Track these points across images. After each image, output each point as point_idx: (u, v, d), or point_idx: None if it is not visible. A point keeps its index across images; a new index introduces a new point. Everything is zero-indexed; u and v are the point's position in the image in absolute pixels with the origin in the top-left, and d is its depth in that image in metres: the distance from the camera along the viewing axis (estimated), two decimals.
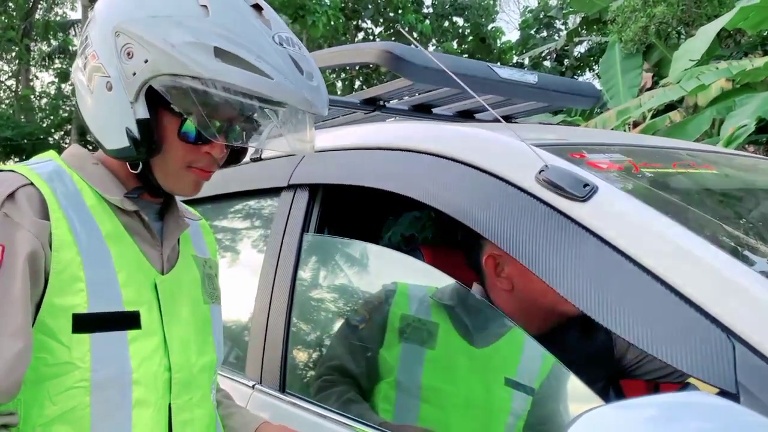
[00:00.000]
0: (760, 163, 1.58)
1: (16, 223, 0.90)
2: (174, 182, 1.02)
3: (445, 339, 1.28)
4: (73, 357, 0.92)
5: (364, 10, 16.36)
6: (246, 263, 1.83)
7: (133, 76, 0.94)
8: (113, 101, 0.96)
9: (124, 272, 0.97)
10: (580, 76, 16.88)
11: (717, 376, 0.80)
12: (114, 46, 0.95)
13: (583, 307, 0.92)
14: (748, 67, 6.23)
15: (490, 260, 1.40)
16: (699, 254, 0.89)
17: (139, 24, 0.93)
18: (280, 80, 0.92)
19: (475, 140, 1.30)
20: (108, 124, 0.98)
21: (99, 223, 0.97)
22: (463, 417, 1.24)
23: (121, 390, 0.96)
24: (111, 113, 0.97)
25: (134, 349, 0.97)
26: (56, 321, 0.91)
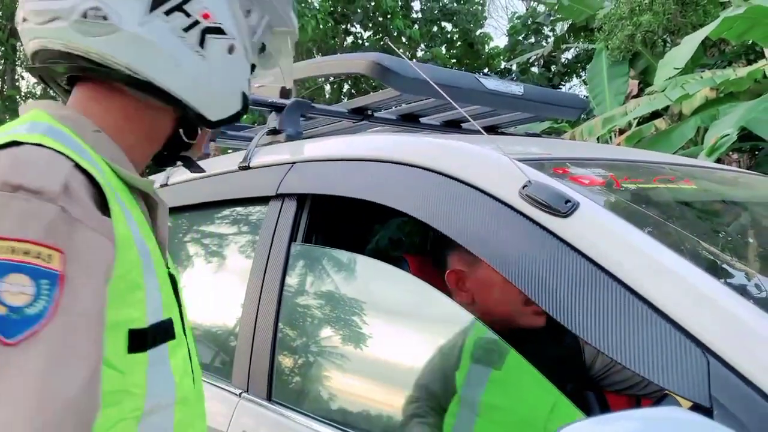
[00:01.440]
0: (739, 176, 1.62)
1: (81, 224, 0.67)
2: (203, 142, 0.94)
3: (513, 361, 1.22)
4: (128, 383, 0.73)
5: (354, 15, 16.38)
6: (234, 271, 1.84)
7: (254, 36, 0.88)
8: (235, 65, 0.87)
9: (157, 270, 0.80)
10: (568, 83, 17.00)
11: (691, 390, 0.82)
12: (231, 3, 0.86)
13: (563, 320, 0.95)
14: (731, 77, 6.31)
15: (452, 275, 1.48)
16: (675, 270, 0.92)
17: None
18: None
19: (461, 154, 1.32)
20: (225, 91, 0.87)
21: (130, 210, 0.78)
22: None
23: (165, 415, 0.79)
24: (232, 78, 0.87)
25: (174, 363, 0.81)
26: (109, 340, 0.70)
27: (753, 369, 0.81)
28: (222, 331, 1.80)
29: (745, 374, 0.81)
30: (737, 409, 0.80)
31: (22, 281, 0.62)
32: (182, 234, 2.17)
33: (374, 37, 16.79)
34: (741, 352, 0.83)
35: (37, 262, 0.63)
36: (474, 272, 1.46)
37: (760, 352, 0.82)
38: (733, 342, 0.83)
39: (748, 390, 0.80)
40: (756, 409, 0.79)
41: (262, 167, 1.77)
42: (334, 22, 15.79)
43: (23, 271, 0.62)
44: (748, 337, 0.83)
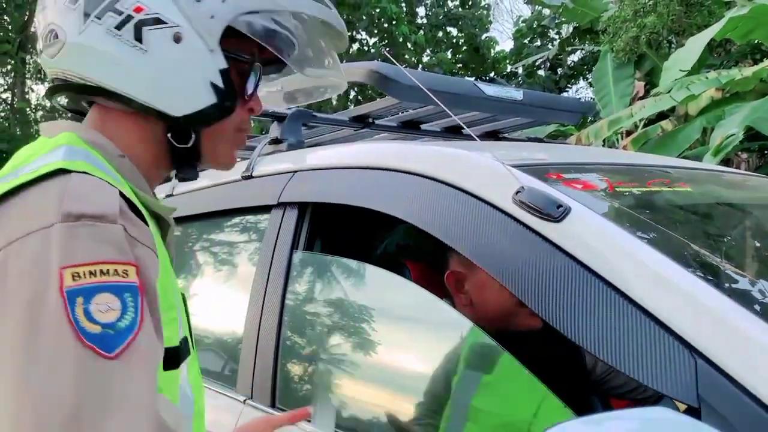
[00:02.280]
0: (734, 178, 1.63)
1: (136, 240, 0.71)
2: (224, 149, 0.90)
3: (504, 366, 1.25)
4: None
5: (359, 22, 16.43)
6: (237, 280, 1.86)
7: (211, 19, 0.81)
8: (187, 53, 0.81)
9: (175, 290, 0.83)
10: (574, 85, 16.99)
11: (680, 391, 0.84)
12: None
13: (554, 322, 0.96)
14: (737, 77, 6.29)
15: (451, 277, 1.50)
16: (665, 273, 0.94)
17: None
18: (334, 10, 0.91)
19: (457, 161, 1.35)
20: (182, 83, 0.82)
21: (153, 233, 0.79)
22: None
23: (187, 429, 0.81)
24: (186, 68, 0.82)
25: (191, 377, 0.83)
26: None
27: (740, 369, 0.82)
28: (226, 339, 1.82)
29: (733, 375, 0.82)
30: (725, 409, 0.81)
31: (108, 300, 0.65)
32: (187, 243, 2.19)
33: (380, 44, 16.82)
34: (728, 352, 0.84)
35: (117, 279, 0.66)
36: (472, 274, 1.48)
37: (747, 353, 0.84)
38: (720, 343, 0.85)
39: (735, 390, 0.81)
40: (743, 409, 0.80)
41: (265, 176, 1.79)
42: None
43: (107, 290, 0.65)
44: (736, 338, 0.85)
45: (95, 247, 0.67)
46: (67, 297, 0.63)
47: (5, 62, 21.04)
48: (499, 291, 1.41)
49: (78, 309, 0.63)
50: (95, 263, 0.66)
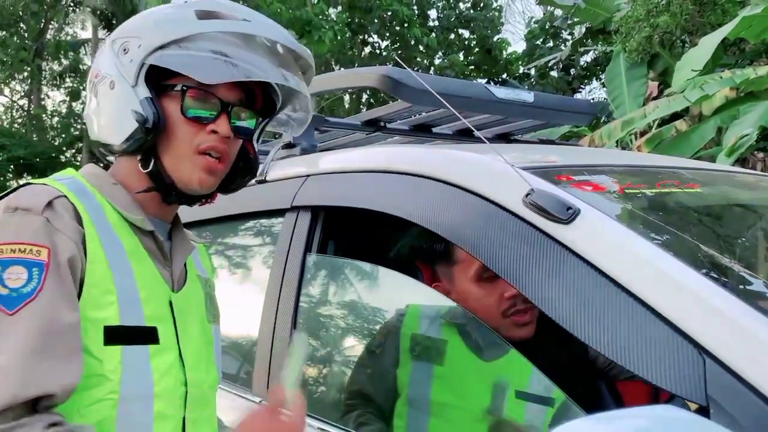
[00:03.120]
0: (745, 179, 1.63)
1: (58, 230, 0.91)
2: (186, 171, 1.01)
3: (454, 355, 1.31)
4: (105, 369, 0.93)
5: (371, 25, 16.47)
6: (251, 283, 1.89)
7: (130, 63, 1.00)
8: (117, 94, 1.01)
9: (145, 289, 1.00)
10: (587, 86, 16.92)
11: (688, 389, 0.85)
12: (113, 53, 1.03)
13: (564, 323, 0.98)
14: (751, 76, 6.25)
15: (439, 288, 1.50)
16: (673, 273, 0.94)
17: (131, 26, 1.05)
18: (256, 22, 1.04)
19: (468, 164, 1.36)
20: (115, 117, 1.01)
21: (122, 240, 1.00)
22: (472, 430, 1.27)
23: (144, 403, 0.97)
24: (117, 106, 1.01)
25: (155, 363, 0.98)
26: (87, 333, 0.92)
27: (749, 369, 0.83)
28: (241, 341, 1.84)
29: (741, 374, 0.83)
30: (733, 408, 0.82)
31: (19, 271, 0.88)
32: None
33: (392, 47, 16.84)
34: (737, 352, 0.85)
35: (30, 256, 0.89)
36: (452, 285, 1.49)
37: (756, 352, 0.84)
38: (729, 342, 0.86)
39: (744, 389, 0.82)
40: (752, 408, 0.81)
41: (278, 180, 1.81)
42: (351, 32, 15.88)
43: (20, 264, 0.88)
44: (744, 338, 0.86)
45: (19, 232, 0.90)
46: None
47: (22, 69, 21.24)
48: (479, 302, 1.39)
49: None
50: (16, 243, 0.89)
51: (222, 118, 1.01)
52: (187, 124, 1.01)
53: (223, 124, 1.01)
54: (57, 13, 19.89)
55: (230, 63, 0.99)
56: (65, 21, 21.78)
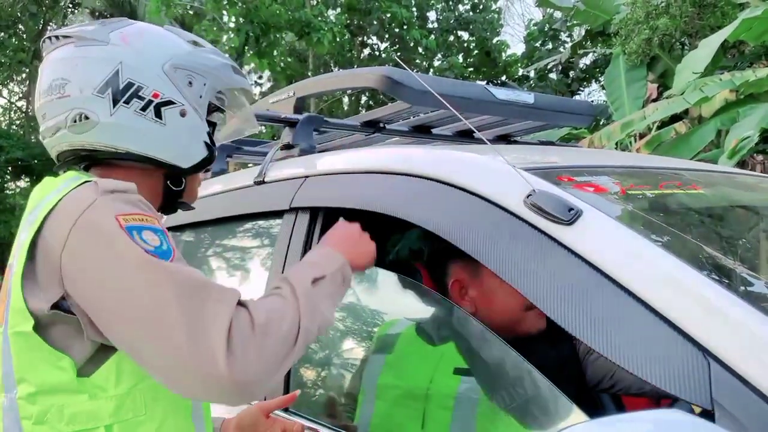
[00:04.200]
0: (747, 180, 1.61)
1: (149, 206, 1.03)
2: (196, 189, 1.24)
3: (404, 343, 1.40)
4: None
5: (370, 27, 16.48)
6: (250, 284, 1.87)
7: (200, 98, 1.15)
8: (190, 124, 1.14)
9: None
10: (586, 88, 16.92)
11: (693, 393, 0.83)
12: (174, 80, 1.12)
13: (566, 326, 0.96)
14: (751, 78, 6.25)
15: (456, 285, 1.52)
16: (677, 275, 0.93)
17: (184, 58, 1.15)
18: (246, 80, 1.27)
19: (469, 165, 1.35)
20: (187, 144, 1.15)
21: None
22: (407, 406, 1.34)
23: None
24: (189, 134, 1.14)
25: None
26: None
27: (754, 372, 0.82)
28: None
29: (747, 377, 0.82)
30: (739, 411, 0.80)
31: (150, 235, 0.96)
32: (200, 248, 2.21)
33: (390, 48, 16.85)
34: (742, 355, 0.84)
35: (152, 223, 0.98)
36: (475, 281, 1.49)
37: (761, 355, 0.83)
38: (734, 345, 0.84)
39: (749, 393, 0.81)
40: (757, 412, 0.79)
41: (277, 181, 1.80)
42: (350, 34, 15.89)
43: (149, 229, 0.97)
44: (750, 341, 0.84)
45: (130, 206, 0.98)
46: (127, 230, 0.94)
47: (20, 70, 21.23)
48: (503, 296, 1.42)
49: (136, 236, 0.94)
50: (134, 214, 0.97)
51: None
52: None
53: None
54: (55, 15, 19.88)
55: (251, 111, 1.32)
56: (64, 22, 21.76)
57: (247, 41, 13.04)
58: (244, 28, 12.80)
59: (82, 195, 0.99)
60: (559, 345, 1.55)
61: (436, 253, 1.61)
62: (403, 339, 1.39)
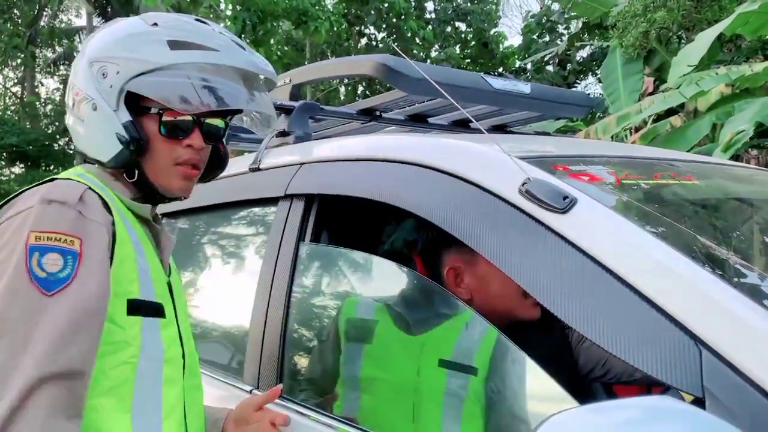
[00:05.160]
0: (741, 172, 1.62)
1: (90, 219, 1.03)
2: (166, 180, 1.16)
3: (382, 333, 1.40)
4: (128, 336, 1.06)
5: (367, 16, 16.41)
6: (244, 271, 1.87)
7: (110, 88, 1.11)
8: (101, 117, 1.12)
9: (152, 270, 1.14)
10: (583, 81, 16.92)
11: (684, 381, 0.84)
12: (91, 74, 1.13)
13: (559, 313, 0.97)
14: (747, 73, 6.24)
15: (451, 272, 1.52)
16: (670, 264, 0.94)
17: (107, 49, 1.14)
18: (225, 51, 1.14)
19: (464, 153, 1.35)
20: (101, 138, 1.13)
21: (134, 228, 1.14)
22: (393, 398, 1.34)
23: (157, 368, 1.11)
24: (101, 127, 1.13)
25: (164, 334, 1.13)
26: (114, 305, 1.04)
27: (745, 360, 0.82)
28: (233, 330, 1.83)
29: (737, 365, 0.82)
30: (729, 400, 0.81)
31: (55, 258, 0.98)
32: (195, 234, 2.21)
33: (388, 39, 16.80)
34: (734, 343, 0.84)
35: (65, 245, 0.99)
36: (471, 268, 1.49)
37: (752, 344, 0.84)
38: (725, 334, 0.85)
39: (740, 381, 0.81)
40: (747, 400, 0.80)
41: (272, 168, 1.80)
42: (347, 24, 15.82)
43: (56, 251, 0.99)
44: (741, 329, 0.85)
45: (55, 222, 1.00)
46: (28, 250, 0.98)
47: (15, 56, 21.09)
48: (501, 284, 1.42)
49: (33, 259, 0.97)
50: (53, 232, 0.99)
51: (195, 132, 1.15)
52: (165, 141, 1.14)
53: (197, 138, 1.15)
54: (51, 0, 19.73)
55: (204, 90, 1.12)
56: (59, 8, 21.61)
57: (244, 29, 12.98)
58: (240, 16, 12.74)
59: (26, 198, 1.04)
60: (551, 333, 1.56)
61: (430, 241, 1.61)
62: (381, 327, 1.39)
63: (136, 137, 1.11)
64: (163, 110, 1.12)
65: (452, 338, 1.30)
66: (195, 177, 1.19)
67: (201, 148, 1.16)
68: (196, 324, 2.04)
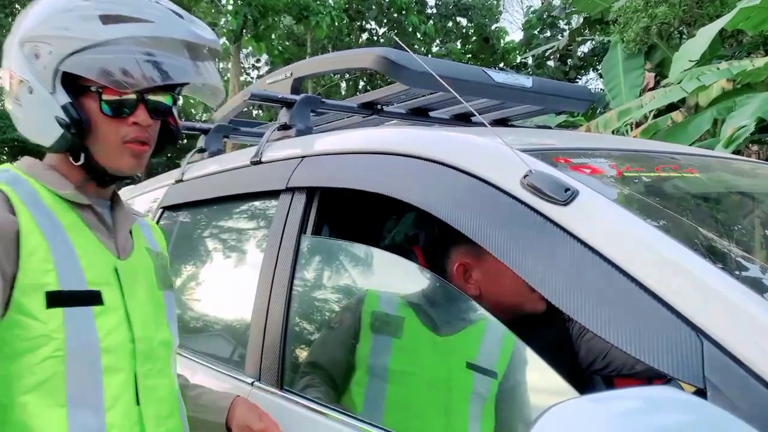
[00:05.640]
0: (742, 165, 1.62)
1: None
2: (114, 160, 1.12)
3: (411, 330, 1.39)
4: (49, 329, 1.02)
5: (368, 11, 16.38)
6: (245, 264, 1.88)
7: (44, 69, 1.06)
8: (38, 100, 1.08)
9: (86, 257, 1.10)
10: (584, 76, 16.89)
11: (686, 372, 0.84)
12: (23, 56, 1.08)
13: (561, 305, 0.97)
14: (748, 68, 6.24)
15: (459, 268, 1.53)
16: (671, 256, 0.93)
17: (37, 28, 1.08)
18: (161, 22, 1.08)
19: (465, 145, 1.35)
20: (40, 123, 1.09)
21: (58, 217, 1.10)
22: (427, 395, 1.33)
23: (91, 358, 1.07)
24: (39, 111, 1.08)
25: (100, 322, 1.08)
26: (29, 299, 1.02)
27: (747, 351, 0.82)
28: (234, 322, 1.84)
29: (739, 356, 0.82)
30: (731, 391, 0.81)
31: None
32: (196, 228, 2.21)
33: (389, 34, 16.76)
34: (735, 335, 0.84)
35: None
36: (479, 264, 1.49)
37: (754, 335, 0.84)
38: (727, 325, 0.85)
39: (742, 372, 0.81)
40: (749, 390, 0.80)
41: (273, 162, 1.80)
42: (349, 19, 15.79)
43: None
44: (743, 320, 0.85)
45: None
46: None
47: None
48: (510, 278, 1.42)
49: None
50: None
51: (140, 108, 1.11)
52: (109, 120, 1.10)
53: (142, 114, 1.11)
54: None
55: (145, 65, 1.06)
56: None
57: (245, 24, 12.96)
58: (242, 10, 12.72)
59: None
60: (552, 325, 1.56)
61: (435, 238, 1.61)
62: (409, 324, 1.39)
63: (76, 119, 1.07)
64: (102, 89, 1.07)
65: (477, 342, 1.30)
66: (145, 154, 1.15)
67: (149, 125, 1.12)
68: (198, 317, 2.04)
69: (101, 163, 1.12)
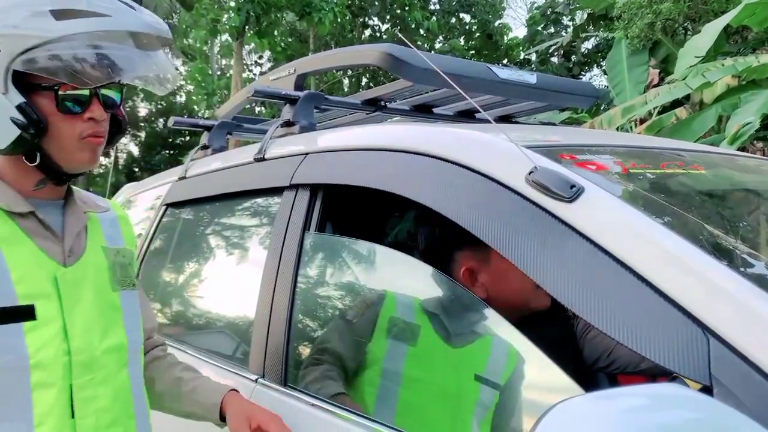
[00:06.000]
0: (748, 162, 1.61)
1: None
2: (72, 157, 1.10)
3: (426, 339, 1.38)
4: None
5: (371, 7, 16.36)
6: (249, 261, 1.87)
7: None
8: None
9: (18, 270, 1.07)
10: (588, 72, 16.86)
11: (692, 369, 0.84)
12: None
13: (567, 302, 0.96)
14: (753, 64, 6.20)
15: (466, 272, 1.52)
16: (677, 252, 0.93)
17: None
18: (117, 15, 1.06)
19: (469, 142, 1.34)
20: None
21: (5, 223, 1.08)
22: (437, 402, 1.32)
23: (19, 375, 1.04)
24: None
25: (31, 338, 1.05)
26: None
27: (753, 348, 0.82)
28: (238, 319, 1.84)
29: (745, 354, 0.82)
30: (737, 388, 0.81)
31: None
32: (199, 225, 2.21)
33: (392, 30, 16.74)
34: (742, 331, 0.83)
35: None
36: (486, 267, 1.49)
37: (760, 332, 0.83)
38: (733, 322, 0.84)
39: (748, 369, 0.81)
40: (755, 388, 0.80)
41: (277, 158, 1.80)
42: (351, 15, 15.77)
43: None
44: (749, 317, 0.84)
45: None
46: None
47: None
48: (518, 278, 1.42)
49: None
50: None
51: (94, 104, 1.09)
52: (65, 118, 1.08)
53: (97, 110, 1.10)
54: None
55: (102, 61, 1.05)
56: None
57: (248, 21, 12.95)
58: (244, 7, 12.70)
59: None
60: (556, 323, 1.56)
61: (436, 241, 1.60)
62: (424, 332, 1.39)
63: (34, 119, 1.04)
64: (58, 86, 1.05)
65: (486, 355, 1.30)
66: (101, 147, 1.13)
67: (104, 119, 1.11)
68: (202, 314, 2.04)
69: (57, 161, 1.10)
